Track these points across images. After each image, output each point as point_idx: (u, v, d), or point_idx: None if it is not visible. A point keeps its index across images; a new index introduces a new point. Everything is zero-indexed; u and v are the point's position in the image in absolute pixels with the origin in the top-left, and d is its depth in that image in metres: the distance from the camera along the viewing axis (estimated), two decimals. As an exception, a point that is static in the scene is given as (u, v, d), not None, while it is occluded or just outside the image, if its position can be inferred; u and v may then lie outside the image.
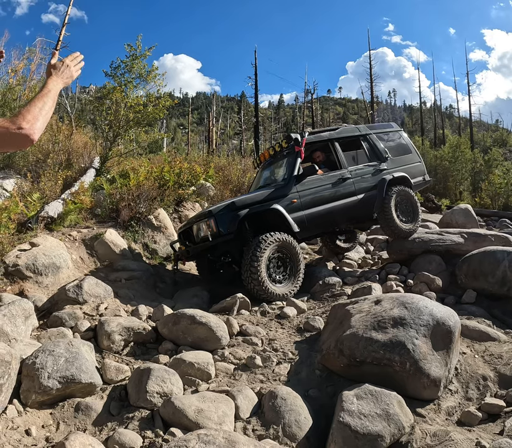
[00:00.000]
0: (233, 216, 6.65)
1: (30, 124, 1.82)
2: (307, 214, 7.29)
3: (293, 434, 3.30)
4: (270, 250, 6.54)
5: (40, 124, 1.87)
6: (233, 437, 2.77)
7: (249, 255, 6.41)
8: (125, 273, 7.27)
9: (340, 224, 8.39)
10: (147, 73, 12.82)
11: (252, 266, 6.31)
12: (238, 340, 4.95)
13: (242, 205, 6.80)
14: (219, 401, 3.41)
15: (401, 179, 8.54)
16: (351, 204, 7.83)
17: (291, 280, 6.85)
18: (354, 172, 8.11)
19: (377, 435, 3.14)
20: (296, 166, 7.56)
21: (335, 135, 8.45)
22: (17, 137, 1.81)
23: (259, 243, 6.45)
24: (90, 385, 3.68)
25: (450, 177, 24.58)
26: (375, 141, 8.88)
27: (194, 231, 7.07)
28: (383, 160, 8.64)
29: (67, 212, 8.36)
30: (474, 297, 6.31)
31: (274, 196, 7.08)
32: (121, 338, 4.69)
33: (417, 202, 8.65)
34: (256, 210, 6.83)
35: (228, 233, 6.56)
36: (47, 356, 3.64)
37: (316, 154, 8.82)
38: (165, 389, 3.60)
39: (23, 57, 13.58)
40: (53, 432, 3.29)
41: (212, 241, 6.59)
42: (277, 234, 6.65)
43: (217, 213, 6.66)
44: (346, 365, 3.99)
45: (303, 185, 7.43)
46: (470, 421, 3.56)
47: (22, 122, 1.83)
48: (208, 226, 6.65)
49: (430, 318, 4.07)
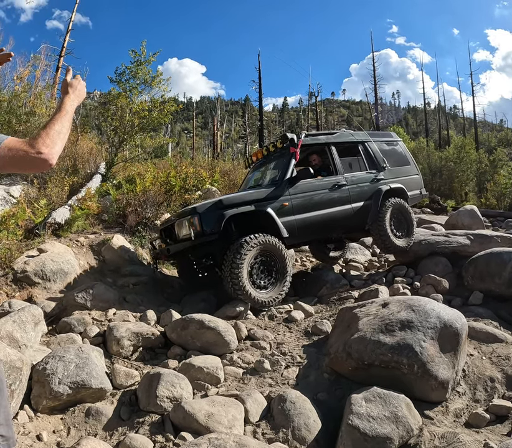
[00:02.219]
0: (219, 215, 6.19)
1: (49, 149, 1.83)
2: (298, 219, 6.92)
3: (303, 437, 3.32)
4: (253, 254, 6.15)
5: (58, 148, 1.88)
6: (244, 441, 2.81)
7: (230, 260, 6.02)
8: (133, 278, 7.30)
9: (331, 233, 7.97)
10: (152, 78, 12.89)
11: (233, 272, 5.92)
12: (247, 344, 4.98)
13: (230, 204, 6.38)
14: (229, 405, 3.44)
15: (398, 191, 8.34)
16: (345, 212, 7.55)
17: (277, 285, 6.42)
18: (349, 179, 7.83)
19: (385, 438, 3.17)
20: (290, 168, 7.19)
21: (332, 140, 8.19)
22: (36, 161, 1.81)
23: (240, 247, 6.04)
24: (100, 390, 3.70)
25: (455, 178, 24.60)
26: (374, 149, 8.65)
27: (176, 228, 6.59)
28: (380, 170, 8.42)
29: (74, 218, 8.40)
30: (481, 298, 6.28)
31: (265, 198, 6.71)
32: (130, 343, 4.69)
33: (412, 216, 8.40)
34: (244, 211, 6.39)
35: (212, 233, 6.11)
36: (57, 362, 3.66)
37: (312, 157, 8.49)
38: (175, 393, 3.62)
39: (28, 64, 13.69)
40: (64, 437, 3.31)
41: (194, 240, 6.09)
42: (260, 236, 6.23)
43: (202, 210, 6.22)
44: (354, 368, 4.02)
45: (295, 188, 7.05)
46: (478, 423, 3.58)
47: (41, 146, 1.82)
48: (192, 224, 6.18)
49: (437, 320, 4.09)
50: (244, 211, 6.37)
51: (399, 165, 9.00)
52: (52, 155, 1.84)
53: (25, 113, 10.69)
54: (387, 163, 8.55)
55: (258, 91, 34.74)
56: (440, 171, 24.94)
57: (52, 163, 1.85)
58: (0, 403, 1.87)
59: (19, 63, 12.94)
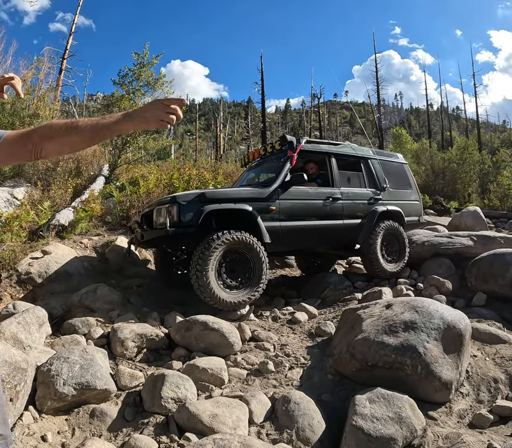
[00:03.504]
0: (199, 208, 5.85)
1: (49, 157, 1.82)
2: (283, 226, 6.56)
3: (307, 437, 3.33)
4: (221, 251, 5.78)
5: (58, 154, 1.88)
6: (249, 442, 2.82)
7: (196, 257, 5.69)
8: (136, 280, 7.31)
9: (318, 246, 7.74)
10: (155, 80, 12.95)
11: (198, 270, 5.60)
12: (251, 346, 4.99)
13: (213, 198, 6.03)
14: (233, 406, 3.45)
15: (394, 214, 8.08)
16: (335, 227, 7.25)
17: (251, 285, 6.06)
18: (345, 193, 7.53)
19: (389, 438, 3.17)
20: (284, 171, 6.83)
21: (334, 150, 7.87)
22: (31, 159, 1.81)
23: (208, 244, 5.69)
24: (104, 391, 3.71)
25: (458, 179, 24.56)
26: (376, 167, 8.37)
27: (153, 215, 6.23)
28: (380, 190, 8.16)
29: (78, 220, 8.45)
30: (484, 299, 6.28)
31: (252, 198, 6.34)
32: (134, 344, 4.70)
33: (405, 242, 8.02)
34: (226, 208, 6.04)
35: (188, 225, 5.77)
36: (62, 363, 3.67)
37: (309, 165, 8.01)
38: (179, 394, 3.63)
39: (32, 66, 13.74)
40: (69, 438, 3.31)
41: (169, 229, 5.70)
42: (231, 233, 5.86)
43: (181, 200, 5.88)
44: (357, 369, 4.03)
45: (286, 193, 6.70)
46: (482, 423, 3.58)
47: (43, 156, 1.78)
48: (169, 213, 5.85)
49: (440, 321, 4.10)
50: (226, 208, 6.04)
51: (400, 188, 8.78)
52: (48, 158, 1.82)
53: (29, 115, 10.76)
54: (388, 184, 8.32)
55: (260, 93, 34.79)
56: (442, 172, 24.92)
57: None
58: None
59: (22, 65, 13.02)
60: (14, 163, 6.34)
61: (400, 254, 7.92)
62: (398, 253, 7.93)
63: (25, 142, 1.72)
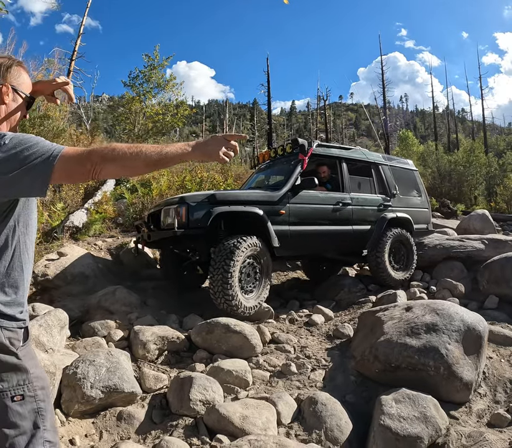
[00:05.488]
0: (209, 209, 5.74)
1: (106, 178, 1.86)
2: (292, 230, 6.47)
3: (335, 437, 3.40)
4: (244, 258, 5.72)
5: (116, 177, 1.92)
6: (284, 442, 2.89)
7: (220, 266, 5.54)
8: (152, 282, 7.33)
9: (325, 252, 7.62)
10: (166, 82, 13.03)
11: (225, 281, 5.47)
12: (271, 348, 5.04)
13: (223, 200, 5.93)
14: (261, 407, 3.51)
15: (403, 221, 8.02)
16: (344, 233, 7.22)
17: (259, 289, 6.07)
18: (355, 199, 7.46)
19: (416, 437, 3.27)
20: (295, 175, 6.72)
21: (345, 155, 7.76)
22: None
23: (231, 252, 5.57)
24: (131, 394, 3.73)
25: (464, 182, 24.57)
26: (387, 173, 8.30)
27: (161, 215, 6.12)
28: (389, 196, 8.09)
29: (92, 222, 8.54)
30: (496, 302, 6.37)
31: (262, 201, 6.25)
32: (155, 347, 4.73)
33: (414, 249, 7.94)
34: (236, 210, 5.93)
35: (197, 227, 5.65)
36: (87, 366, 3.70)
37: (322, 168, 7.85)
38: (207, 397, 3.66)
39: (42, 68, 13.83)
40: (97, 441, 3.33)
41: (177, 231, 5.57)
42: (249, 238, 5.80)
43: (191, 201, 5.76)
44: (380, 370, 4.11)
45: (296, 197, 6.61)
46: (500, 423, 3.68)
47: (100, 177, 1.80)
48: (178, 213, 5.72)
49: (461, 323, 4.19)
50: (236, 210, 5.93)
51: (410, 195, 8.75)
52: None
53: (39, 116, 10.85)
54: (398, 191, 8.28)
55: (266, 95, 34.81)
56: (449, 175, 24.93)
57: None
58: (47, 409, 1.90)
59: (32, 66, 13.09)
60: (68, 182, 6.23)
61: (408, 261, 7.86)
62: (406, 261, 7.87)
63: (84, 162, 1.70)
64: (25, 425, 1.79)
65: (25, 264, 1.91)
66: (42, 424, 1.84)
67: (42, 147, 1.66)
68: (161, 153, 1.76)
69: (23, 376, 1.80)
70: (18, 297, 1.85)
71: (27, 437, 1.79)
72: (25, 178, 1.64)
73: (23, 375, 1.80)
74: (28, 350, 1.90)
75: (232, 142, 1.87)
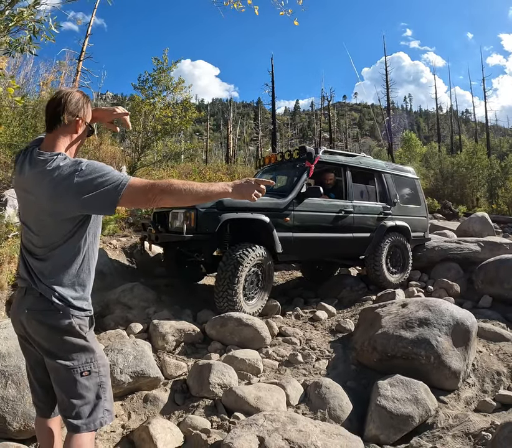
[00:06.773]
0: (217, 215, 5.88)
1: (162, 206, 2.25)
2: (295, 237, 6.62)
3: (338, 416, 3.84)
4: (249, 267, 5.95)
5: (170, 205, 2.30)
6: (294, 416, 3.34)
7: (227, 274, 5.80)
8: (164, 280, 7.65)
9: (325, 257, 8.01)
10: (175, 85, 13.30)
11: (230, 288, 5.75)
12: (279, 340, 5.45)
13: (230, 206, 6.01)
14: (272, 390, 3.93)
15: (402, 229, 8.25)
16: (345, 240, 7.37)
17: (261, 295, 6.32)
18: (357, 207, 7.60)
19: (408, 416, 3.73)
20: (301, 182, 6.86)
21: (350, 162, 7.82)
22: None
23: (238, 262, 5.81)
24: (155, 379, 4.12)
25: (466, 184, 24.74)
26: (389, 182, 8.42)
27: (169, 217, 6.26)
28: (390, 204, 8.20)
29: (106, 222, 8.80)
30: (490, 302, 6.73)
31: (268, 208, 6.35)
32: (173, 338, 5.08)
33: (410, 255, 8.25)
34: (243, 217, 6.07)
35: (205, 233, 5.83)
36: (116, 354, 4.06)
37: (329, 175, 8.02)
38: (225, 381, 4.07)
39: (53, 69, 13.98)
40: (126, 421, 3.69)
41: (185, 236, 5.73)
42: (257, 248, 6.05)
43: (200, 207, 5.81)
44: (378, 360, 4.55)
45: (301, 205, 6.73)
46: (486, 409, 4.08)
47: (157, 205, 2.14)
48: (187, 218, 5.85)
49: (450, 319, 4.64)
50: (243, 217, 6.08)
51: (410, 204, 8.88)
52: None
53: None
54: (398, 199, 8.41)
55: (271, 94, 34.85)
56: (451, 176, 25.07)
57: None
58: (107, 383, 2.31)
59: (42, 67, 13.21)
60: (130, 206, 6.68)
61: (404, 265, 8.20)
62: (402, 265, 8.20)
63: (147, 192, 2.04)
64: (89, 396, 2.21)
65: (91, 267, 2.35)
66: (103, 395, 2.28)
67: (113, 176, 2.04)
68: (208, 190, 2.13)
69: (91, 355, 2.24)
70: (85, 293, 2.29)
71: (90, 406, 2.22)
72: (97, 200, 2.03)
73: (91, 354, 2.24)
74: (92, 334, 2.35)
75: (261, 186, 2.26)
